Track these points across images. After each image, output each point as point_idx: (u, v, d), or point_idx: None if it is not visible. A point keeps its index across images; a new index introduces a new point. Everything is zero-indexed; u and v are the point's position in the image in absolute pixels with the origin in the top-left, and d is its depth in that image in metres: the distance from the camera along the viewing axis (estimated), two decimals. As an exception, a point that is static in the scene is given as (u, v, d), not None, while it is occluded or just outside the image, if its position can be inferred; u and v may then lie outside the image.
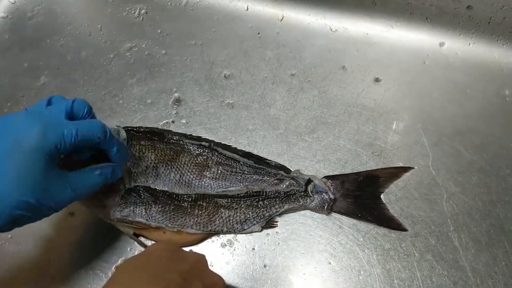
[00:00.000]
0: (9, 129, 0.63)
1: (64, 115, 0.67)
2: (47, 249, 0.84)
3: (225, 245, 0.82)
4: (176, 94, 0.94)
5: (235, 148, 0.87)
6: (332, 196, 0.79)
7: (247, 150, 0.88)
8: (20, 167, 0.60)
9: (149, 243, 0.83)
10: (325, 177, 0.82)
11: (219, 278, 0.67)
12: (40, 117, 0.64)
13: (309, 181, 0.81)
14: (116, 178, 0.74)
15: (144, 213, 0.80)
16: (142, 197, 0.80)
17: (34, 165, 0.61)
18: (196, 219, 0.80)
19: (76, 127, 0.65)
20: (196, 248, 0.82)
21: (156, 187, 0.82)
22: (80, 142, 0.65)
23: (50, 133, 0.62)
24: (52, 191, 0.63)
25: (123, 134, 0.83)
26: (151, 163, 0.82)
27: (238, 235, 0.82)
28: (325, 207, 0.80)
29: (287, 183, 0.81)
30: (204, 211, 0.80)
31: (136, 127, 0.86)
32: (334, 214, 0.81)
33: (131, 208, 0.80)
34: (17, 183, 0.60)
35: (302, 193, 0.80)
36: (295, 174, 0.83)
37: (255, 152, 0.87)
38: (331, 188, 0.81)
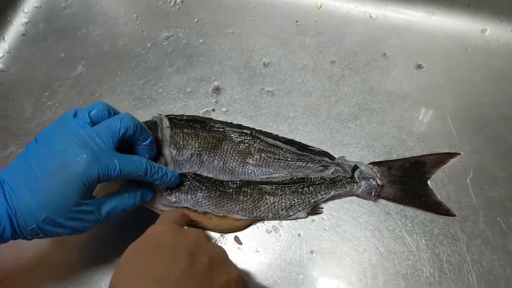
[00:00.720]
0: (57, 149, 0.65)
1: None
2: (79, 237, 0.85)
3: (271, 231, 0.82)
4: (215, 83, 0.95)
5: (277, 135, 0.88)
6: (379, 182, 0.80)
7: (289, 138, 0.88)
8: (59, 189, 0.63)
9: (193, 230, 0.83)
10: (371, 163, 0.83)
11: (221, 249, 0.68)
12: (91, 146, 0.65)
13: (355, 167, 0.81)
14: (145, 200, 0.77)
15: (190, 199, 0.81)
16: (188, 184, 0.81)
17: (73, 191, 0.64)
18: (241, 205, 0.81)
19: (123, 162, 0.68)
20: (241, 234, 0.83)
21: (201, 174, 0.83)
22: (122, 176, 0.68)
23: (97, 164, 0.65)
24: (81, 216, 0.66)
25: (166, 122, 0.85)
26: (195, 150, 0.83)
27: (283, 221, 0.82)
28: (373, 193, 0.80)
29: (332, 170, 0.82)
30: (249, 197, 0.81)
31: (178, 115, 0.87)
32: (380, 201, 0.82)
33: (177, 194, 0.81)
34: (52, 202, 0.63)
35: (349, 179, 0.81)
36: (340, 161, 0.83)
37: (297, 139, 0.88)
38: (378, 174, 0.81)
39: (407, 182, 0.81)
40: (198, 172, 0.82)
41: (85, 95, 0.97)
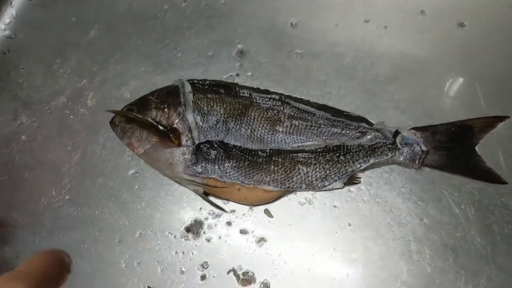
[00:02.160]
0: None
1: None
2: (111, 211, 0.80)
3: (304, 203, 0.77)
4: (239, 46, 0.89)
5: (308, 100, 0.82)
6: (424, 148, 0.74)
7: (321, 103, 0.81)
8: None
9: (219, 202, 0.78)
10: (413, 128, 0.77)
11: None
12: None
13: (397, 132, 0.75)
14: None
15: (217, 169, 0.75)
16: (215, 152, 0.75)
17: None
18: (272, 175, 0.75)
19: None
20: (272, 207, 0.78)
21: (228, 142, 0.77)
22: None
23: None
24: None
25: (188, 87, 0.79)
26: (220, 117, 0.77)
27: (317, 192, 0.77)
28: (416, 160, 0.74)
29: (371, 136, 0.76)
30: (280, 167, 0.75)
31: (201, 80, 0.82)
32: (424, 169, 0.76)
33: (203, 164, 0.75)
34: None
35: (390, 146, 0.75)
36: (379, 126, 0.77)
37: (330, 104, 0.82)
38: (422, 139, 0.75)
39: (453, 148, 0.75)
40: (224, 141, 0.76)
41: (99, 61, 0.91)
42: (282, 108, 0.79)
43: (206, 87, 0.80)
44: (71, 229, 0.82)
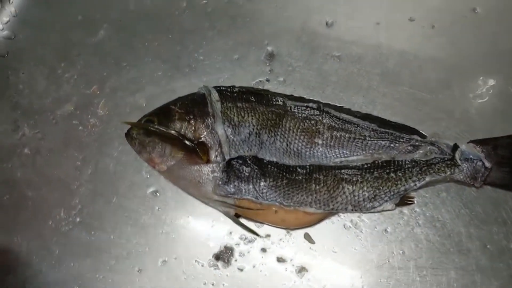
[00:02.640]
0: None
1: None
2: (128, 235, 0.71)
3: (350, 227, 0.69)
4: (268, 48, 0.80)
5: (349, 109, 0.73)
6: (488, 165, 0.66)
7: (364, 112, 0.73)
8: None
9: (252, 225, 0.70)
10: (472, 141, 0.68)
11: None
12: None
13: (455, 146, 0.67)
14: None
15: (252, 189, 0.67)
16: (248, 169, 0.67)
17: None
18: (314, 195, 0.67)
19: None
20: (313, 231, 0.70)
21: (263, 157, 0.68)
22: None
23: None
24: None
25: (215, 95, 0.70)
26: (253, 129, 0.69)
27: (364, 214, 0.68)
28: (479, 178, 0.66)
29: (425, 150, 0.68)
30: (322, 185, 0.67)
31: (229, 87, 0.73)
32: (485, 187, 0.68)
33: (236, 183, 0.67)
34: None
35: (448, 162, 0.67)
36: (433, 139, 0.69)
37: (375, 113, 0.73)
38: (483, 154, 0.67)
39: None
40: (258, 156, 0.68)
41: (109, 64, 0.82)
42: (320, 118, 0.71)
43: (235, 94, 0.72)
44: (83, 256, 0.73)
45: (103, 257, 0.72)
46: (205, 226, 0.72)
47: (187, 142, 0.67)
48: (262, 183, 0.67)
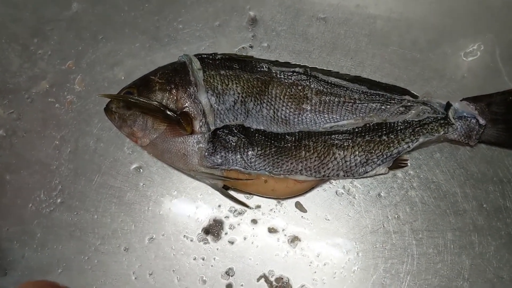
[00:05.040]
0: None
1: None
2: (113, 214, 0.70)
3: (342, 194, 0.68)
4: (250, 13, 0.79)
5: (338, 72, 0.72)
6: (482, 122, 0.65)
7: (353, 75, 0.72)
8: None
9: (241, 197, 0.69)
10: (465, 99, 0.68)
11: None
12: None
13: (448, 104, 0.66)
14: None
15: (240, 159, 0.66)
16: (235, 139, 0.66)
17: None
18: (305, 162, 0.66)
19: None
20: (304, 199, 0.69)
21: (250, 126, 0.67)
22: None
23: None
24: None
25: (197, 63, 0.69)
26: (238, 97, 0.68)
27: (357, 180, 0.68)
28: (473, 136, 0.66)
29: (417, 110, 0.67)
30: (312, 152, 0.66)
31: (211, 54, 0.71)
32: (479, 146, 0.68)
33: (222, 153, 0.66)
34: None
35: (442, 121, 0.66)
36: (425, 98, 0.68)
37: (364, 76, 0.72)
38: (477, 112, 0.66)
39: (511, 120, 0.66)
40: (245, 124, 0.67)
41: (85, 38, 0.80)
42: (308, 83, 0.70)
43: (218, 62, 0.70)
44: (67, 238, 0.72)
45: (87, 238, 0.71)
46: (193, 200, 0.71)
47: (169, 113, 0.66)
48: (250, 152, 0.66)
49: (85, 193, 0.73)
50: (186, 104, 0.67)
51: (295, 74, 0.70)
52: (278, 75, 0.70)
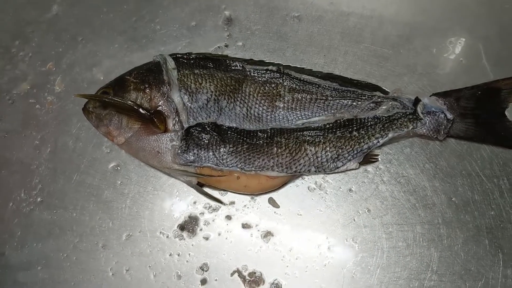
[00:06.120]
0: None
1: None
2: (91, 212, 0.72)
3: (314, 189, 0.69)
4: (226, 12, 0.80)
5: (311, 70, 0.74)
6: (450, 116, 0.66)
7: (326, 72, 0.73)
8: None
9: (216, 194, 0.70)
10: (435, 94, 0.69)
11: None
12: None
13: (417, 100, 0.68)
14: None
15: (212, 156, 0.67)
16: (207, 136, 0.67)
17: None
18: (276, 159, 0.67)
19: None
20: (277, 195, 0.70)
21: (222, 124, 0.68)
22: None
23: None
24: None
25: (171, 62, 0.70)
26: (211, 95, 0.69)
27: (328, 175, 0.69)
28: (441, 131, 0.67)
29: (387, 106, 0.68)
30: (284, 148, 0.67)
31: (185, 54, 0.72)
32: (449, 140, 0.69)
33: (195, 151, 0.67)
34: None
35: (410, 116, 0.67)
36: (395, 94, 0.69)
37: (336, 73, 0.74)
38: (445, 107, 0.67)
39: (480, 114, 0.68)
40: (218, 122, 0.68)
41: (65, 39, 0.82)
42: (281, 81, 0.71)
43: (192, 61, 0.72)
44: (47, 236, 0.73)
45: (66, 236, 0.73)
46: (169, 197, 0.72)
47: (142, 111, 0.67)
48: (222, 149, 0.67)
49: (64, 191, 0.74)
50: (160, 103, 0.68)
51: (268, 72, 0.71)
52: (252, 74, 0.71)
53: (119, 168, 0.74)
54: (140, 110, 0.67)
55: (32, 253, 0.73)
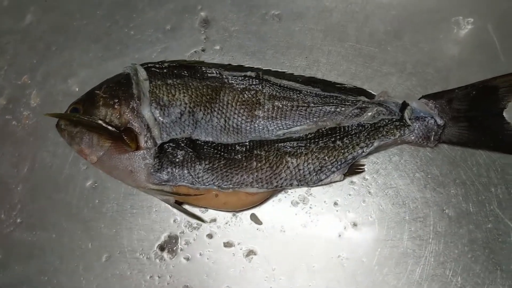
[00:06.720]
0: None
1: None
2: (70, 232, 0.69)
3: (297, 203, 0.65)
4: (202, 13, 0.75)
5: (292, 74, 0.69)
6: (440, 122, 0.61)
7: (308, 75, 0.69)
8: None
9: (196, 211, 0.66)
10: (424, 96, 0.63)
11: None
12: None
13: (404, 104, 0.62)
14: None
15: (187, 175, 0.63)
16: (182, 153, 0.63)
17: None
18: (255, 174, 0.63)
19: None
20: (259, 211, 0.66)
21: (198, 138, 0.64)
22: None
23: None
24: None
25: (143, 73, 0.66)
26: (185, 107, 0.64)
27: (312, 188, 0.64)
28: (431, 137, 0.61)
29: (372, 112, 0.63)
30: (264, 162, 0.63)
31: (158, 63, 0.68)
32: (441, 146, 0.63)
33: (169, 169, 0.63)
34: None
35: (397, 123, 0.62)
36: (381, 98, 0.64)
37: (319, 76, 0.69)
38: (436, 110, 0.62)
39: (475, 117, 0.63)
40: (193, 137, 0.64)
41: (40, 49, 0.78)
42: (260, 87, 0.66)
43: (165, 70, 0.67)
44: (27, 258, 0.71)
45: (47, 258, 0.70)
46: (148, 215, 0.69)
47: (111, 129, 0.63)
48: (197, 167, 0.63)
49: (43, 211, 0.72)
50: (130, 119, 0.65)
51: (246, 78, 0.67)
52: (229, 81, 0.67)
53: (96, 185, 0.71)
54: (109, 127, 0.63)
55: (14, 276, 0.71)
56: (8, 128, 0.76)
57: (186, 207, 0.67)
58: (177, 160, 0.63)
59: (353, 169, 0.64)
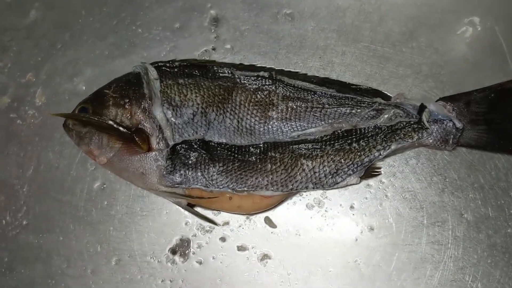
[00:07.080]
0: None
1: None
2: (77, 235, 0.67)
3: (313, 206, 0.64)
4: (212, 12, 0.73)
5: (306, 74, 0.67)
6: (459, 125, 0.59)
7: (322, 76, 0.67)
8: None
9: (209, 214, 0.64)
10: (441, 99, 0.62)
11: None
12: None
13: (422, 106, 0.60)
14: None
15: (201, 177, 0.61)
16: (195, 155, 0.61)
17: None
18: (270, 176, 0.61)
19: None
20: (273, 214, 0.64)
21: (211, 140, 0.62)
22: None
23: None
24: None
25: (153, 72, 0.63)
26: (198, 108, 0.62)
27: (327, 191, 0.63)
28: (450, 140, 0.60)
29: (389, 114, 0.61)
30: (279, 165, 0.61)
31: (168, 62, 0.66)
32: (459, 149, 0.62)
33: (182, 171, 0.61)
34: None
35: (415, 126, 0.60)
36: (398, 100, 0.62)
37: (333, 77, 0.68)
38: (454, 113, 0.60)
39: (493, 119, 0.61)
40: (206, 138, 0.61)
41: (44, 47, 0.76)
42: (274, 88, 0.64)
43: (176, 70, 0.65)
44: (33, 261, 0.69)
45: (54, 261, 0.68)
46: (158, 218, 0.67)
47: (122, 130, 0.61)
48: (211, 169, 0.61)
49: (50, 213, 0.70)
50: (141, 120, 0.62)
51: (259, 78, 0.65)
52: (242, 81, 0.65)
53: (105, 186, 0.69)
54: (120, 128, 0.61)
55: (20, 280, 0.69)
56: (13, 127, 0.74)
57: (198, 209, 0.65)
58: (190, 162, 0.62)
59: (370, 172, 0.63)
